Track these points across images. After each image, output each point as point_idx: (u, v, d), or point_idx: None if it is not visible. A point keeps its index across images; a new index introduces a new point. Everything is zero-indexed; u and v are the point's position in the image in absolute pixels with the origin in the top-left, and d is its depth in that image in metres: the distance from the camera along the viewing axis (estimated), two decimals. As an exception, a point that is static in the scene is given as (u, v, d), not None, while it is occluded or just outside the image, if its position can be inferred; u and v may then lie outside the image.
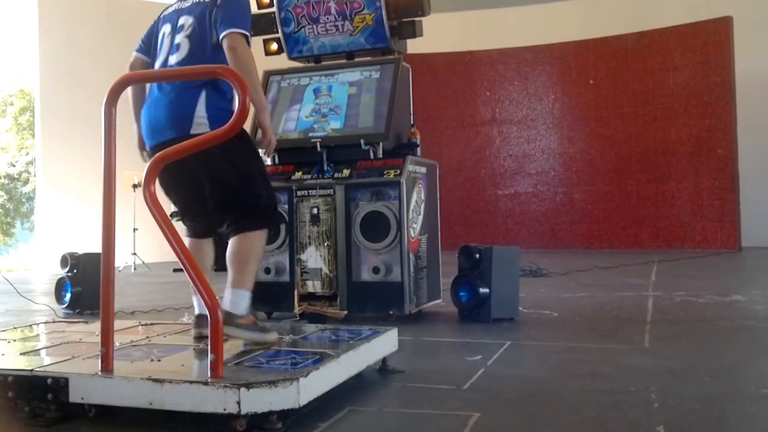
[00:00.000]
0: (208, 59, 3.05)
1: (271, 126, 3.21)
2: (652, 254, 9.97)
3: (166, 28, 3.22)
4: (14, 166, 27.69)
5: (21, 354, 2.84)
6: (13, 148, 27.85)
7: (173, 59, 3.13)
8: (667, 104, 11.30)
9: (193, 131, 2.95)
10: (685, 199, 11.14)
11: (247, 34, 3.06)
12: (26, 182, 27.09)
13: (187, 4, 3.20)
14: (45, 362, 2.61)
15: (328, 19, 5.04)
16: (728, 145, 10.79)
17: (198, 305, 3.08)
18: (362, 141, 4.62)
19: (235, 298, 2.96)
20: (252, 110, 2.80)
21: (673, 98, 11.27)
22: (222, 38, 3.03)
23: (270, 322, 4.60)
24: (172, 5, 3.29)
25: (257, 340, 2.92)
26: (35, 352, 2.92)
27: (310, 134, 4.79)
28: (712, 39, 10.93)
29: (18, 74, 28.03)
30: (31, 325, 3.80)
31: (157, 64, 3.20)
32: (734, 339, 4.00)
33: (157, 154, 2.45)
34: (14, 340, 3.13)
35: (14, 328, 3.53)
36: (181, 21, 3.17)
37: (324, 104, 4.90)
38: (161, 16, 3.31)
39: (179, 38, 3.15)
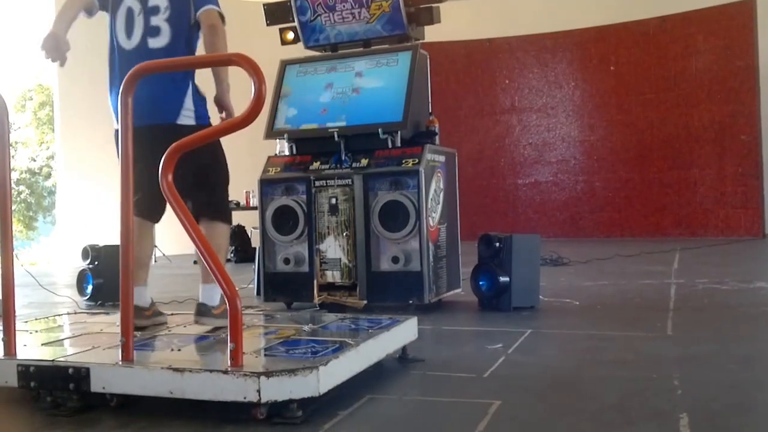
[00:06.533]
0: (188, 43, 3.24)
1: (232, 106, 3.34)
2: (675, 242, 9.87)
3: (134, 4, 3.24)
4: (35, 160, 27.92)
5: (43, 344, 2.87)
6: (33, 143, 28.08)
7: (155, 43, 3.20)
8: (690, 90, 11.14)
9: (179, 121, 3.14)
10: (708, 186, 10.99)
11: (223, 12, 3.23)
12: (47, 176, 27.31)
13: None
14: (66, 352, 2.63)
15: (344, 6, 5.01)
16: (752, 130, 10.62)
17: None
18: (380, 130, 4.59)
19: (208, 292, 3.22)
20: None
21: (695, 84, 11.10)
22: (200, 14, 3.17)
23: (290, 312, 4.62)
24: None
25: None
26: (57, 342, 2.95)
27: (328, 123, 4.77)
28: (735, 23, 10.74)
29: (36, 69, 28.23)
30: (53, 317, 3.83)
31: (130, 44, 3.23)
32: (758, 326, 3.95)
33: (174, 144, 2.44)
34: (36, 331, 3.16)
35: (36, 319, 3.56)
36: (153, 1, 3.21)
37: (341, 93, 4.87)
38: None
39: (157, 21, 3.20)
